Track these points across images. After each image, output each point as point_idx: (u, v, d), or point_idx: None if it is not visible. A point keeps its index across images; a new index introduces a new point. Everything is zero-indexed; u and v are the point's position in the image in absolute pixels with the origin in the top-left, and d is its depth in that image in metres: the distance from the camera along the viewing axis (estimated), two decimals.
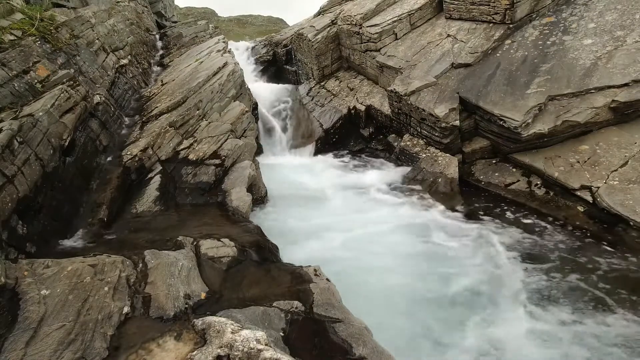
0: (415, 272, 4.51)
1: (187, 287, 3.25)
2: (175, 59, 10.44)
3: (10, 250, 3.48)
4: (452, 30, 7.57)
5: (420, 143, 6.90)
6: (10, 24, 5.51)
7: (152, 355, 2.39)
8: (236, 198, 5.28)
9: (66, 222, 4.37)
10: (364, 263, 4.68)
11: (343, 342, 2.90)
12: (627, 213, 4.48)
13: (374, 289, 4.26)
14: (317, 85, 10.17)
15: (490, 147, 6.26)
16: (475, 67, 6.61)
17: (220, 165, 5.86)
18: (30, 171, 4.01)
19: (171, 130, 6.14)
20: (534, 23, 6.69)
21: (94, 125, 5.54)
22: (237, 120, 6.92)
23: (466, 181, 6.19)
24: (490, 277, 4.32)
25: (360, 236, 5.22)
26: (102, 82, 6.74)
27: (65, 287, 2.96)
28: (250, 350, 2.16)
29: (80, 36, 6.84)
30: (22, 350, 2.44)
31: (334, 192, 6.55)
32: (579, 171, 5.14)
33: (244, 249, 4.03)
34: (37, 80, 5.11)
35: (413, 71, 7.25)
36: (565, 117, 5.30)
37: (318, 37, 9.70)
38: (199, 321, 2.55)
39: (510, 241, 4.85)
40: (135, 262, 3.39)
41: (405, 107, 6.95)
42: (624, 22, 5.76)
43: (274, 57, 12.52)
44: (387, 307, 4.01)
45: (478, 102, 5.98)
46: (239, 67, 8.52)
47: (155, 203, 5.16)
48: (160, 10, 15.45)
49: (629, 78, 5.12)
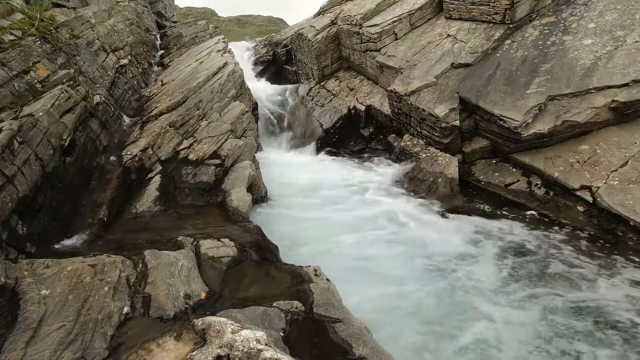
0: (415, 271, 4.51)
1: (187, 287, 3.25)
2: (175, 59, 10.44)
3: (10, 250, 3.49)
4: (452, 30, 7.57)
5: (420, 143, 6.90)
6: (10, 24, 5.51)
7: (152, 355, 2.39)
8: (236, 198, 5.28)
9: (66, 222, 4.37)
10: (364, 263, 4.68)
11: (343, 342, 2.90)
12: (627, 213, 4.47)
13: (374, 290, 4.25)
14: (317, 85, 10.17)
15: (490, 147, 6.26)
16: (475, 67, 6.61)
17: (220, 165, 5.86)
18: (30, 171, 4.01)
19: (171, 130, 6.14)
20: (534, 23, 6.69)
21: (94, 125, 5.54)
22: (237, 120, 6.92)
23: (466, 181, 6.19)
24: (490, 277, 4.32)
25: (360, 236, 5.22)
26: (102, 82, 6.74)
27: (65, 287, 2.96)
28: (250, 350, 2.16)
29: (80, 36, 6.84)
30: (22, 350, 2.45)
31: (334, 192, 6.55)
32: (579, 171, 5.14)
33: (244, 249, 4.03)
34: (37, 80, 5.11)
35: (413, 71, 7.25)
36: (565, 117, 5.30)
37: (318, 37, 9.70)
38: (199, 321, 2.55)
39: (510, 241, 4.85)
40: (135, 262, 3.39)
41: (405, 107, 6.95)
42: (624, 22, 5.76)
43: (274, 57, 12.51)
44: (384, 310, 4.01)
45: (478, 102, 5.98)
46: (239, 67, 8.52)
47: (155, 203, 5.16)
48: (160, 10, 15.44)
49: (629, 78, 5.12)
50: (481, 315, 3.82)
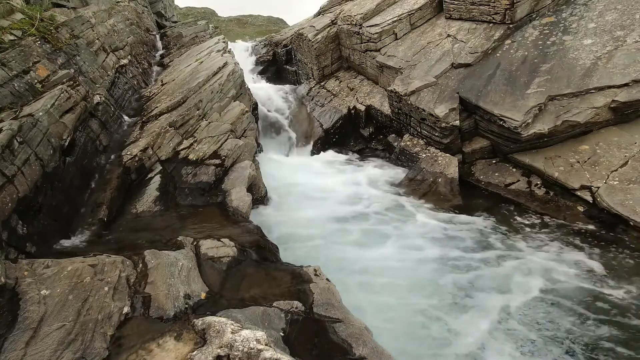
0: (415, 271, 4.51)
1: (187, 287, 3.24)
2: (175, 59, 10.44)
3: (10, 250, 3.48)
4: (452, 30, 7.57)
5: (420, 143, 6.90)
6: (10, 24, 5.51)
7: (152, 355, 2.39)
8: (236, 198, 5.27)
9: (66, 222, 4.37)
10: (364, 263, 4.68)
11: (343, 342, 2.90)
12: (627, 213, 4.48)
13: (374, 290, 4.25)
14: (317, 85, 10.17)
15: (490, 147, 6.26)
16: (475, 67, 6.61)
17: (220, 165, 5.85)
18: (30, 171, 4.01)
19: (171, 130, 6.14)
20: (534, 23, 6.69)
21: (94, 125, 5.54)
22: (237, 120, 6.92)
23: (466, 181, 6.19)
24: (489, 275, 4.33)
25: (360, 236, 5.23)
26: (102, 82, 6.74)
27: (65, 287, 2.96)
28: (250, 350, 2.16)
29: (80, 36, 6.84)
30: (22, 350, 2.44)
31: (334, 192, 6.55)
32: (579, 171, 5.14)
33: (244, 249, 4.03)
34: (37, 80, 5.11)
35: (413, 71, 7.25)
36: (565, 117, 5.30)
37: (318, 37, 9.70)
38: (199, 321, 2.55)
39: (509, 241, 4.85)
40: (135, 262, 3.39)
41: (405, 107, 6.95)
42: (624, 22, 5.76)
43: (274, 57, 12.51)
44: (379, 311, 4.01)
45: (478, 102, 5.98)
46: (239, 67, 8.51)
47: (155, 203, 5.16)
48: (160, 10, 15.44)
49: (629, 78, 5.12)
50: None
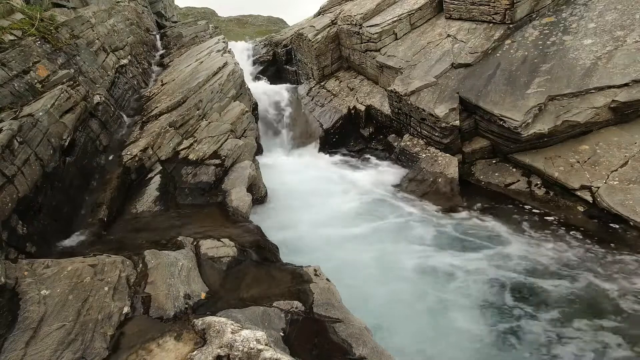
0: (415, 271, 4.51)
1: (187, 287, 3.24)
2: (175, 59, 10.43)
3: (10, 250, 3.48)
4: (452, 30, 7.57)
5: (420, 143, 6.90)
6: (10, 24, 5.51)
7: (152, 355, 2.39)
8: (236, 198, 5.27)
9: (66, 222, 4.37)
10: (364, 263, 4.68)
11: (343, 342, 2.90)
12: (627, 213, 4.48)
13: (374, 291, 4.25)
14: (317, 85, 10.17)
15: (490, 147, 6.26)
16: (475, 67, 6.60)
17: (220, 165, 5.85)
18: (30, 171, 4.01)
19: (171, 130, 6.14)
20: (534, 23, 6.69)
21: (94, 125, 5.54)
22: (237, 120, 6.92)
23: (466, 181, 6.19)
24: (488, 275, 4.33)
25: (360, 236, 5.22)
26: (102, 82, 6.74)
27: (65, 287, 2.96)
28: (250, 350, 2.16)
29: (80, 36, 6.83)
30: (22, 350, 2.44)
31: (334, 192, 6.55)
32: (579, 171, 5.14)
33: (244, 249, 4.03)
34: (37, 80, 5.11)
35: (413, 71, 7.25)
36: (565, 117, 5.30)
37: (318, 37, 9.70)
38: (199, 321, 2.55)
39: (509, 241, 4.85)
40: (135, 262, 3.39)
41: (405, 107, 6.95)
42: (624, 22, 5.76)
43: (274, 57, 12.51)
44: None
45: (478, 102, 5.98)
46: (239, 67, 8.51)
47: (155, 203, 5.16)
48: (160, 10, 15.43)
49: (629, 78, 5.12)
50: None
